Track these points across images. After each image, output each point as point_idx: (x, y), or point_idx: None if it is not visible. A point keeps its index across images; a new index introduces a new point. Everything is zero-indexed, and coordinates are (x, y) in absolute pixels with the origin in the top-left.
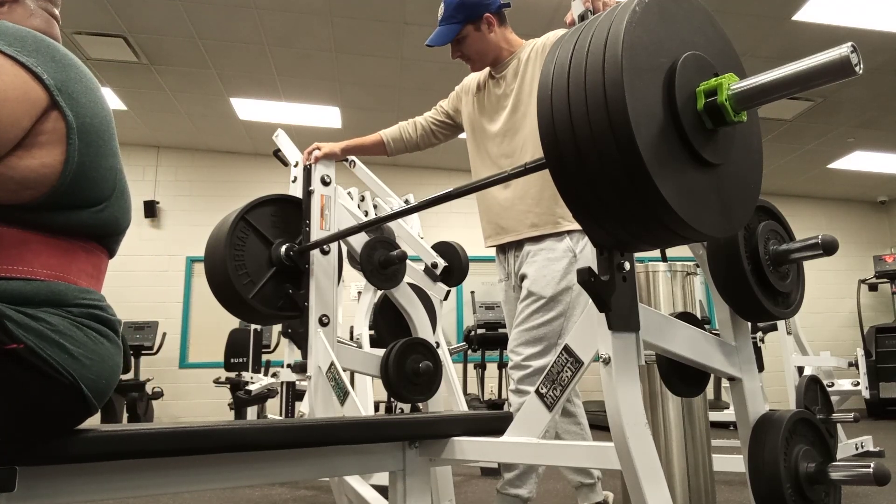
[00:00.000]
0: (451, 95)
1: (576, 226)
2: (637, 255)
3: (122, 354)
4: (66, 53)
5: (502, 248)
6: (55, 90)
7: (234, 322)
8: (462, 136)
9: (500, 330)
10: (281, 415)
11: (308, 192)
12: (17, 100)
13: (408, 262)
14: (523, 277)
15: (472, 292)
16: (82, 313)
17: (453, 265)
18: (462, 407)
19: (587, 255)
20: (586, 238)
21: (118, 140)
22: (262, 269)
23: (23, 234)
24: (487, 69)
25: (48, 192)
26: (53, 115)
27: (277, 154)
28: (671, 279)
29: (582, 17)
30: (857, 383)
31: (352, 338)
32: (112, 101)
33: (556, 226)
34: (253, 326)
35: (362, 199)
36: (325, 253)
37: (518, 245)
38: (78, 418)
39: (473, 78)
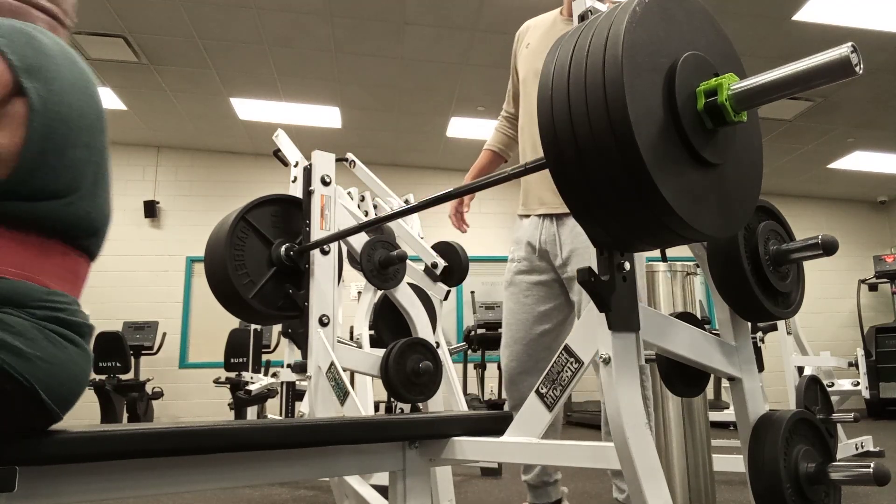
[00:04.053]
0: (509, 84)
1: None
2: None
3: (90, 361)
4: (50, 44)
5: (532, 220)
6: (22, 72)
7: (234, 322)
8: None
9: (500, 330)
10: (281, 415)
11: (308, 192)
12: None
13: (408, 262)
14: (565, 261)
15: (472, 292)
16: (46, 316)
17: (453, 265)
18: (462, 407)
19: None
20: None
21: (120, 141)
22: (262, 268)
23: None
24: (555, 14)
25: (8, 177)
26: (17, 98)
27: (277, 154)
28: (671, 279)
29: (582, 17)
30: (857, 383)
31: (352, 338)
32: (112, 101)
33: None
34: (253, 326)
35: (362, 199)
36: (325, 253)
37: (559, 219)
38: (38, 425)
39: (534, 22)
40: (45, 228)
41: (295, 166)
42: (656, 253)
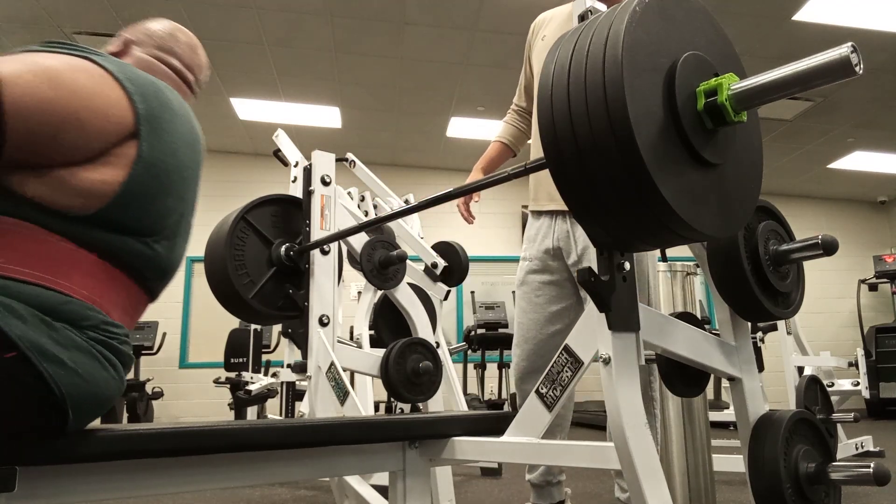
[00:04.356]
0: (520, 77)
1: None
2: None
3: (122, 389)
4: (173, 99)
5: (543, 217)
6: (143, 119)
7: (234, 322)
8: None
9: (500, 330)
10: (281, 415)
11: (308, 192)
12: (105, 114)
13: (408, 262)
14: (577, 260)
15: (472, 292)
16: (98, 339)
17: (453, 265)
18: (462, 407)
19: None
20: None
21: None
22: (262, 268)
23: (77, 251)
24: (571, 6)
25: (101, 208)
26: (132, 141)
27: (277, 154)
28: (671, 279)
29: (582, 17)
30: (857, 383)
31: (352, 338)
32: None
33: None
34: (253, 326)
35: (362, 199)
36: (325, 253)
37: (571, 215)
38: (49, 433)
39: (549, 14)
40: (120, 262)
41: (295, 166)
42: (656, 253)
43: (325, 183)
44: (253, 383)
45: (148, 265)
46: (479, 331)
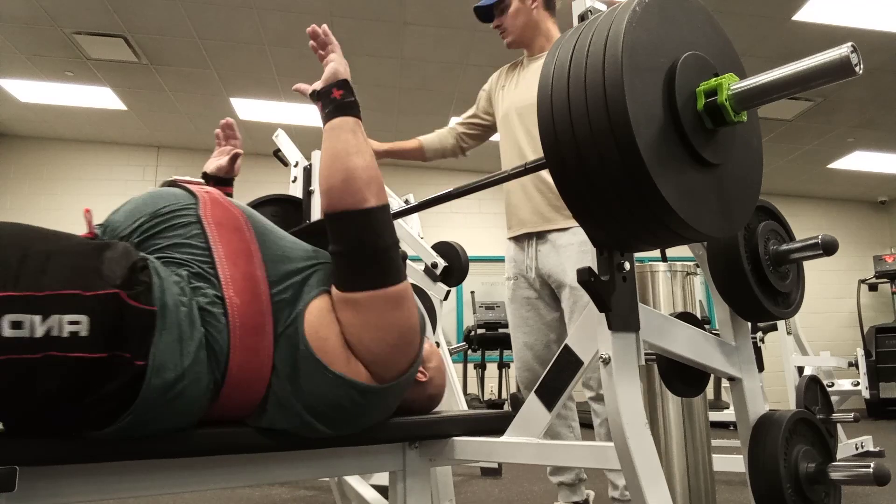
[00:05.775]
0: (478, 98)
1: None
2: (637, 254)
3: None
4: None
5: (518, 241)
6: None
7: None
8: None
9: (500, 330)
10: None
11: (308, 192)
12: (404, 361)
13: (408, 262)
14: (550, 275)
15: (472, 292)
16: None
17: (453, 265)
18: (462, 407)
19: None
20: None
21: (120, 141)
22: None
23: None
24: (522, 58)
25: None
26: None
27: (277, 154)
28: (671, 279)
29: (582, 17)
30: (857, 383)
31: None
32: (112, 101)
33: None
34: None
35: None
36: None
37: (539, 237)
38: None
39: (503, 68)
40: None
41: (295, 166)
42: (656, 253)
43: None
44: None
45: None
46: (479, 331)
